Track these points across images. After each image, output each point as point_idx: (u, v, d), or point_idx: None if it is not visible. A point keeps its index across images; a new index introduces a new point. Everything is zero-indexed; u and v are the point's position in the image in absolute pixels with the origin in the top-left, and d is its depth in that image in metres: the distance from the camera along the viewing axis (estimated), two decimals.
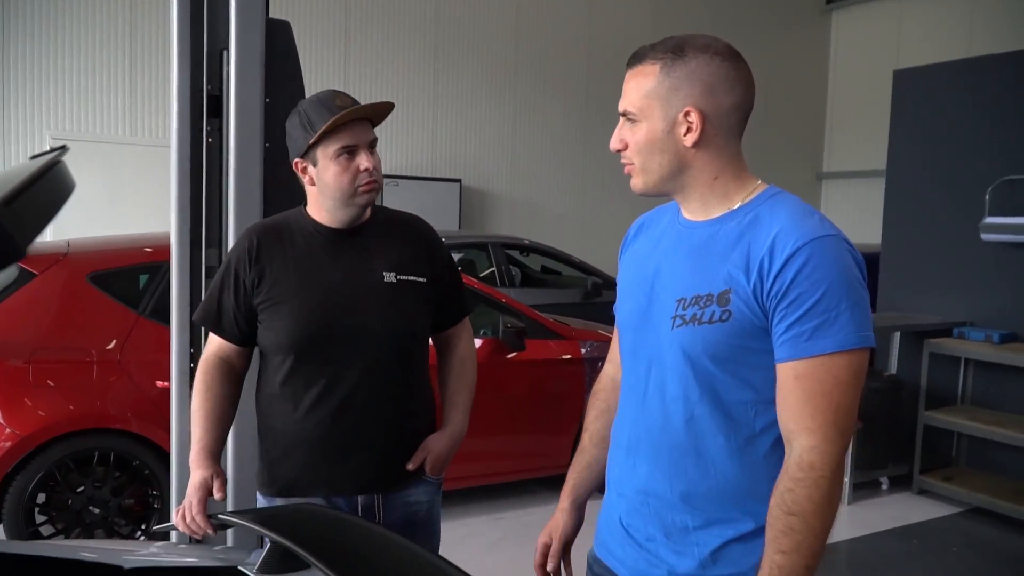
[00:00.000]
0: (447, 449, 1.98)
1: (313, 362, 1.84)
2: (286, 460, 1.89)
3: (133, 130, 7.94)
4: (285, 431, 1.88)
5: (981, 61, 5.27)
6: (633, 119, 1.37)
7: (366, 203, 1.86)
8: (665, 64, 1.33)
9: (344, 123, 1.80)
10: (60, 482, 3.42)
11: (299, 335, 1.83)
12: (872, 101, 11.28)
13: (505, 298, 4.59)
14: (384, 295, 1.87)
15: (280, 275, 1.86)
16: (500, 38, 10.02)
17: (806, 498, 1.23)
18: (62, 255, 3.70)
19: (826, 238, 1.27)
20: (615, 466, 1.52)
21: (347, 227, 1.90)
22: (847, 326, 1.24)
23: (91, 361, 3.50)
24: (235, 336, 1.90)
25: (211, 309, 1.90)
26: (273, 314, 1.85)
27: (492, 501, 4.50)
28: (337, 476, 1.88)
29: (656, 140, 1.35)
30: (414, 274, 1.92)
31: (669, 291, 1.39)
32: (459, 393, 2.06)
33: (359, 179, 1.82)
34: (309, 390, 1.85)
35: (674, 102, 1.33)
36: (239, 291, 1.87)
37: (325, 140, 1.81)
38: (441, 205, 9.13)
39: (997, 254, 4.94)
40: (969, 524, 4.52)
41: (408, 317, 1.91)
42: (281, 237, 1.89)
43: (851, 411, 1.27)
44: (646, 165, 1.38)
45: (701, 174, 1.37)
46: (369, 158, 1.83)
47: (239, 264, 1.87)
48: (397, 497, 1.93)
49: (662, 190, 1.40)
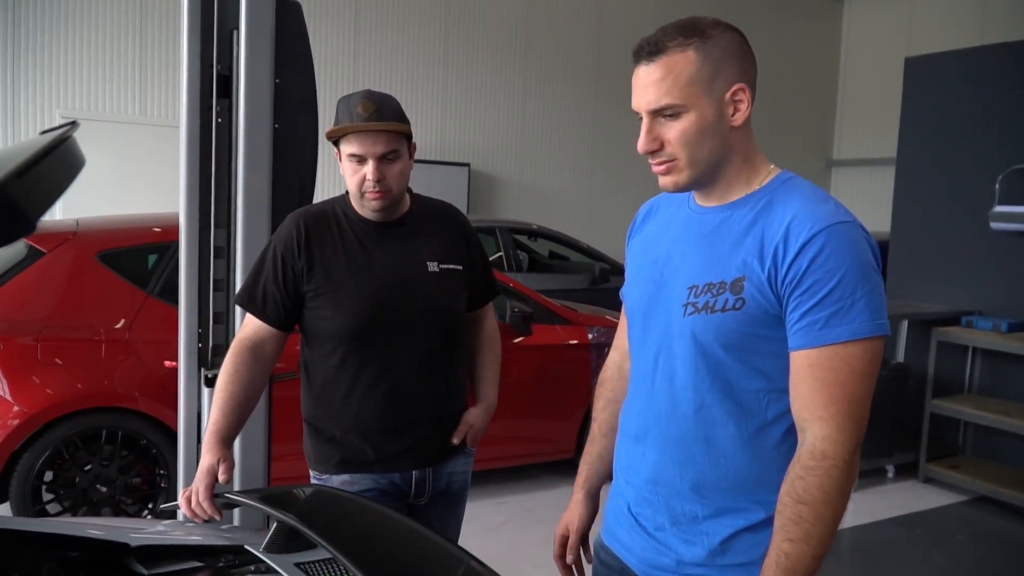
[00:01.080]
0: (484, 421, 2.12)
1: (367, 347, 1.92)
2: (344, 440, 1.97)
3: (143, 110, 7.93)
4: (341, 413, 1.96)
5: (993, 50, 5.22)
6: (675, 112, 1.29)
7: (375, 209, 1.92)
8: (698, 47, 1.28)
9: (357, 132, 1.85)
10: (67, 460, 3.44)
11: (356, 323, 1.90)
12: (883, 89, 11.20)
13: (512, 283, 4.59)
14: (429, 283, 1.97)
15: (332, 263, 1.92)
16: (510, 22, 9.96)
17: (817, 487, 1.22)
18: (71, 233, 3.71)
19: (842, 224, 1.25)
20: (623, 454, 1.51)
21: (385, 220, 1.96)
22: (863, 314, 1.23)
23: (99, 340, 3.51)
24: (278, 321, 1.93)
25: (255, 293, 1.94)
26: (326, 302, 1.91)
27: (495, 485, 4.51)
28: (393, 455, 1.97)
29: (707, 127, 1.29)
30: (453, 262, 2.02)
31: (680, 278, 1.37)
32: (490, 368, 2.19)
33: (365, 187, 1.88)
34: (363, 375, 1.93)
35: (719, 84, 1.28)
36: (287, 277, 1.91)
37: (342, 140, 1.88)
38: (449, 189, 9.10)
39: (1006, 243, 4.91)
40: (974, 513, 4.52)
41: (450, 303, 2.02)
42: (329, 225, 1.95)
43: (865, 400, 1.25)
44: (695, 156, 1.31)
45: (736, 156, 1.34)
46: (375, 169, 1.86)
47: (286, 250, 1.92)
48: (443, 469, 2.05)
49: (704, 181, 1.34)
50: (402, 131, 1.89)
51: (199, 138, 2.32)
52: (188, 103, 2.30)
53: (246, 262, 2.31)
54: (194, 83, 2.30)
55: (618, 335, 1.67)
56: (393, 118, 1.89)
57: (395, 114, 1.90)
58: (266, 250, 1.98)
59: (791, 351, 1.27)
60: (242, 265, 2.33)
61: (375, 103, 1.87)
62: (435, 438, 2.02)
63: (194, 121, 2.31)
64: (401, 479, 2.00)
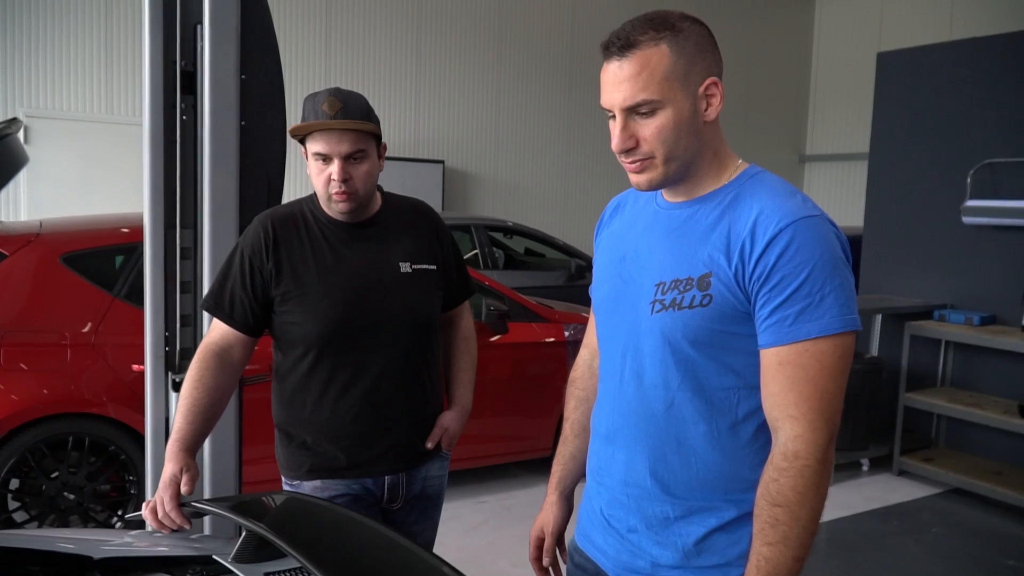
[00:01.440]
0: (460, 424, 2.07)
1: (339, 352, 1.88)
2: (315, 446, 1.92)
3: (109, 108, 7.79)
4: (313, 420, 1.91)
5: (964, 44, 5.26)
6: (650, 108, 1.25)
7: (341, 211, 1.88)
8: (671, 41, 1.25)
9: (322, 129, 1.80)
10: (34, 467, 3.36)
11: (327, 326, 1.85)
12: (855, 83, 11.30)
13: (488, 280, 4.56)
14: (402, 284, 1.93)
15: (300, 266, 1.87)
16: (483, 17, 9.92)
17: (791, 488, 1.20)
18: (34, 235, 3.62)
19: (809, 218, 1.23)
20: (595, 455, 1.48)
21: (355, 221, 1.92)
22: (832, 309, 1.20)
23: (65, 344, 3.43)
24: (246, 326, 1.88)
25: (222, 297, 1.89)
26: (296, 306, 1.87)
27: (474, 485, 4.48)
28: (367, 460, 1.93)
29: (683, 123, 1.27)
30: (426, 262, 1.98)
31: (647, 274, 1.34)
32: (465, 371, 2.15)
33: (331, 187, 1.84)
34: (335, 380, 1.89)
35: (693, 77, 1.26)
36: (255, 281, 1.87)
37: (307, 139, 1.84)
38: (424, 186, 9.04)
39: (978, 237, 4.96)
40: (949, 504, 4.56)
41: (424, 304, 1.98)
42: (297, 228, 1.91)
43: (837, 397, 1.23)
44: (672, 153, 1.28)
45: (707, 150, 1.32)
46: (341, 169, 1.81)
47: (254, 254, 1.87)
48: (417, 473, 2.01)
49: (677, 177, 1.31)
50: (369, 131, 1.84)
51: (163, 136, 2.26)
52: (151, 100, 2.24)
53: (214, 263, 2.26)
54: (157, 80, 2.24)
55: (588, 333, 1.65)
56: (360, 117, 1.84)
57: (362, 113, 1.85)
58: (233, 253, 1.93)
59: (761, 348, 1.25)
60: (209, 266, 2.28)
61: (341, 101, 1.82)
62: (409, 442, 1.98)
63: (157, 119, 2.25)
64: (374, 484, 1.96)
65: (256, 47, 2.29)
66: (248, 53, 2.27)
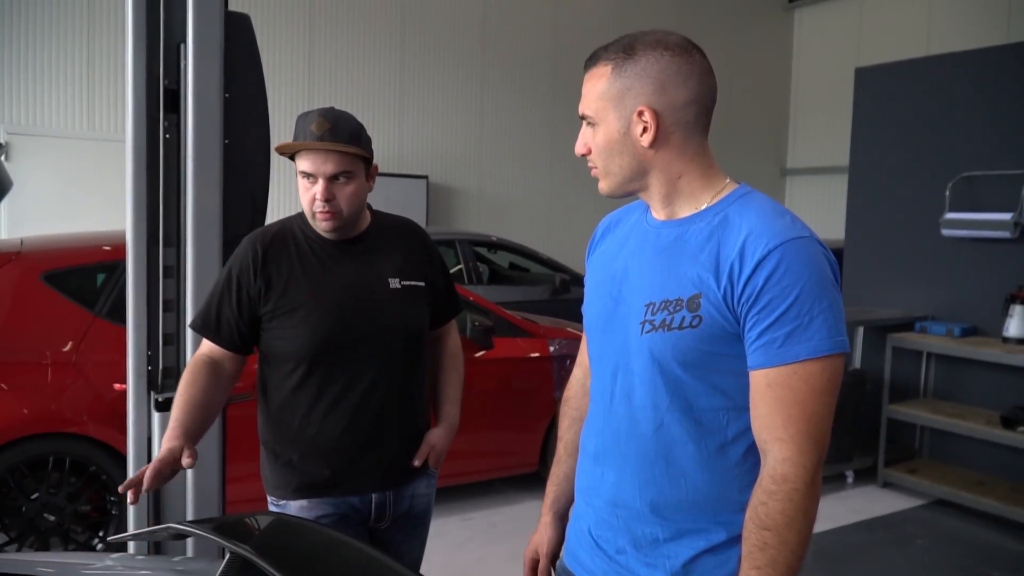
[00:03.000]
0: (447, 442, 2.06)
1: (328, 367, 1.89)
2: (302, 463, 1.92)
3: (91, 125, 7.75)
4: (300, 436, 1.91)
5: (941, 59, 5.34)
6: (591, 122, 1.34)
7: (325, 230, 1.90)
8: (616, 65, 1.31)
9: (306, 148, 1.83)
10: (13, 488, 3.31)
11: (316, 341, 1.86)
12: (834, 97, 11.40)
13: (473, 296, 4.56)
14: (391, 300, 1.94)
15: (290, 282, 1.89)
16: (466, 33, 9.96)
17: (779, 512, 1.20)
18: (15, 254, 3.58)
19: (798, 240, 1.23)
20: (583, 475, 1.48)
21: (345, 237, 1.94)
22: (820, 331, 1.20)
23: (45, 363, 3.39)
24: (233, 344, 1.90)
25: (209, 317, 1.91)
26: (285, 321, 1.88)
27: (460, 501, 4.46)
28: (354, 477, 1.92)
29: (614, 142, 1.32)
30: (415, 279, 1.99)
31: (637, 294, 1.35)
32: (452, 387, 2.15)
33: (315, 206, 1.86)
34: (324, 394, 1.89)
35: (627, 102, 1.30)
36: (242, 301, 1.89)
37: (296, 157, 1.87)
38: (408, 201, 9.04)
39: (957, 249, 5.01)
40: (933, 515, 4.58)
41: (413, 320, 1.99)
42: (287, 245, 1.92)
43: (826, 420, 1.23)
44: (608, 168, 1.35)
45: (663, 173, 1.33)
46: (324, 189, 1.83)
47: (242, 274, 1.89)
48: (404, 491, 2.00)
49: (628, 190, 1.38)
50: (352, 153, 1.85)
51: (146, 154, 2.25)
52: (134, 118, 2.23)
53: (197, 281, 2.24)
54: (140, 98, 2.23)
55: (581, 352, 1.64)
56: (347, 139, 1.85)
57: (350, 135, 1.87)
58: (222, 273, 1.95)
59: (750, 370, 1.25)
60: (193, 284, 2.26)
61: (330, 122, 1.84)
62: (397, 459, 1.98)
63: (140, 137, 2.24)
64: (361, 503, 1.95)
65: (240, 65, 2.29)
66: (232, 71, 2.27)
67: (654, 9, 11.05)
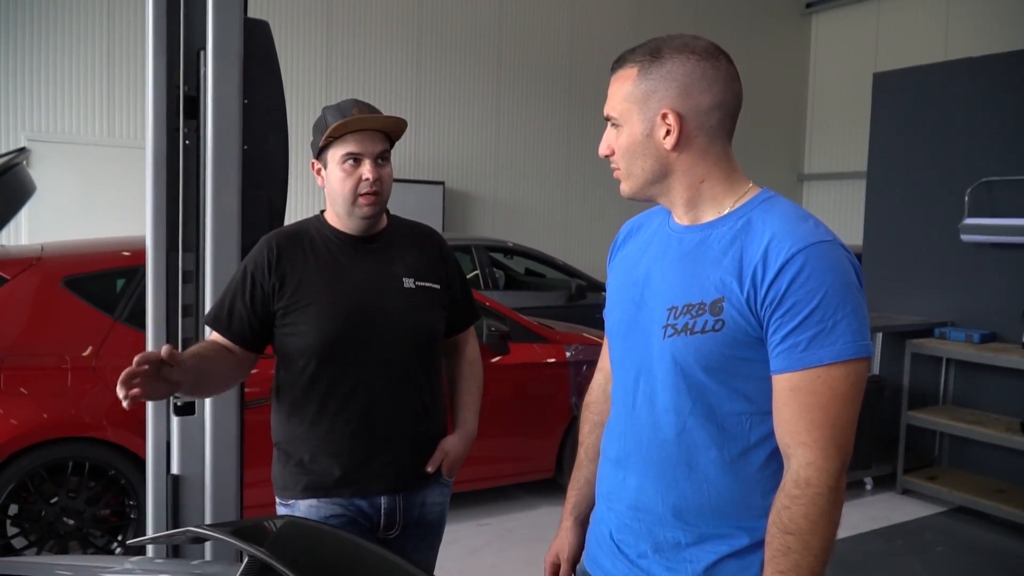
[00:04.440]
0: (463, 450, 2.04)
1: (339, 364, 1.88)
2: (312, 463, 1.91)
3: (111, 131, 7.83)
4: (311, 434, 1.91)
5: (959, 64, 5.30)
6: (616, 124, 1.36)
7: (366, 215, 1.90)
8: (642, 67, 1.32)
9: (354, 131, 1.85)
10: (33, 492, 3.34)
11: (328, 337, 1.86)
12: (852, 103, 11.36)
13: (489, 301, 4.56)
14: (405, 299, 1.93)
15: (304, 278, 1.89)
16: (483, 39, 9.99)
17: (802, 516, 1.20)
18: (35, 259, 3.62)
19: (821, 244, 1.23)
20: (605, 479, 1.48)
21: (363, 234, 1.95)
22: (844, 335, 1.20)
23: (65, 368, 3.42)
24: (244, 340, 1.90)
25: (222, 312, 1.91)
26: (298, 317, 1.88)
27: (476, 507, 4.46)
28: (364, 477, 1.91)
29: (637, 144, 1.33)
30: (430, 280, 1.99)
31: (659, 298, 1.34)
32: (470, 395, 2.14)
33: (360, 187, 1.87)
34: (335, 392, 1.89)
35: (651, 105, 1.31)
36: (256, 297, 1.89)
37: (334, 144, 1.88)
38: (424, 207, 9.06)
39: (976, 255, 4.97)
40: (953, 523, 4.54)
41: (427, 320, 1.98)
42: (302, 243, 1.93)
43: (850, 425, 1.23)
44: (630, 170, 1.36)
45: (686, 177, 1.34)
46: (373, 169, 1.86)
47: (256, 270, 1.90)
48: (415, 498, 1.98)
49: (648, 194, 1.38)
50: (400, 127, 1.90)
51: (166, 160, 2.26)
52: (154, 125, 2.25)
53: (215, 286, 2.25)
54: (160, 104, 2.24)
55: (602, 356, 1.65)
56: None
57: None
58: (237, 270, 1.96)
59: (773, 374, 1.25)
60: (211, 289, 2.27)
61: (366, 106, 1.90)
62: (409, 463, 1.96)
63: (160, 143, 2.25)
64: (370, 507, 1.93)
65: (259, 72, 2.31)
66: (251, 78, 2.29)
67: (670, 16, 11.04)
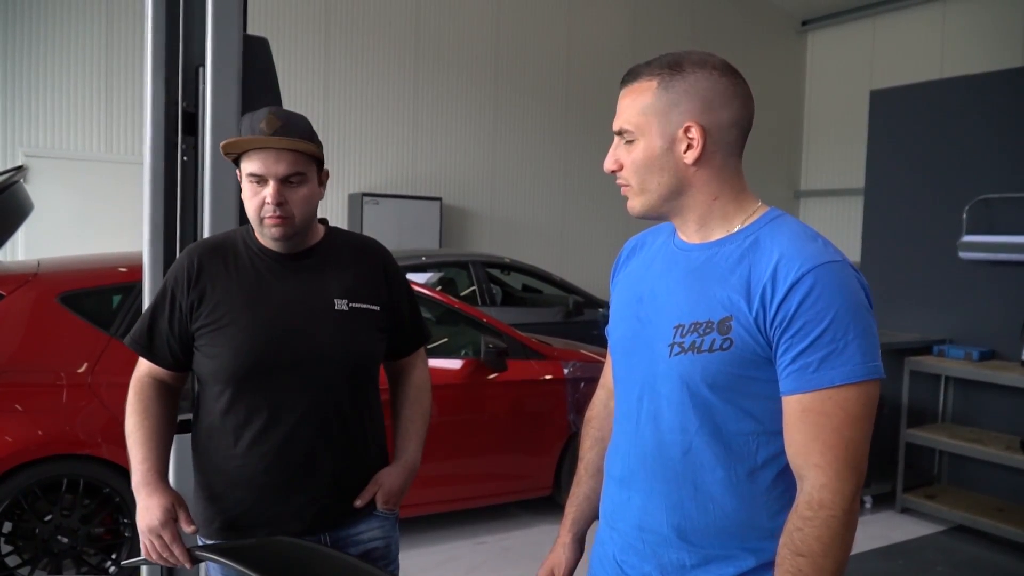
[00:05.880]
0: (401, 482, 1.88)
1: (256, 391, 1.73)
2: (225, 498, 1.77)
3: (109, 147, 7.83)
4: (225, 466, 1.76)
5: (956, 82, 5.33)
6: (630, 138, 1.32)
7: (275, 236, 1.73)
8: (663, 79, 1.30)
9: (258, 147, 1.68)
10: (27, 510, 3.31)
11: (245, 361, 1.71)
12: (848, 119, 11.42)
13: (486, 317, 4.54)
14: (335, 323, 1.77)
15: (223, 297, 1.74)
16: (480, 56, 10.03)
17: (815, 538, 1.18)
18: (32, 275, 3.61)
19: (831, 264, 1.22)
20: (608, 499, 1.46)
21: (291, 251, 1.79)
22: (855, 356, 1.19)
23: (61, 384, 3.40)
24: (167, 362, 1.79)
25: (141, 333, 1.78)
26: (213, 339, 1.73)
27: (473, 525, 4.42)
28: (280, 515, 1.75)
29: (655, 158, 1.30)
30: (367, 301, 1.82)
31: (665, 316, 1.33)
32: (413, 423, 1.96)
33: (264, 211, 1.70)
34: (252, 422, 1.73)
35: (673, 118, 1.29)
36: (174, 315, 1.76)
37: (243, 159, 1.72)
38: (421, 223, 9.07)
39: (975, 272, 4.97)
40: (952, 542, 4.51)
41: (359, 346, 1.81)
42: (226, 258, 1.78)
43: (863, 446, 1.21)
44: (645, 185, 1.33)
45: (700, 193, 1.32)
46: (276, 192, 1.67)
47: (176, 286, 1.76)
48: (347, 535, 1.83)
49: (660, 211, 1.36)
50: (308, 151, 1.71)
51: (164, 177, 2.26)
52: (152, 141, 2.25)
53: None
54: (159, 120, 2.24)
55: (604, 373, 1.63)
56: (301, 137, 1.71)
57: (303, 133, 1.72)
58: (160, 287, 1.82)
59: (783, 395, 1.24)
60: None
61: (281, 119, 1.70)
62: (334, 499, 1.80)
63: (158, 159, 2.25)
64: None
65: (257, 88, 2.31)
66: (249, 94, 2.29)
67: (667, 34, 11.11)
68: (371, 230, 8.51)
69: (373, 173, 9.21)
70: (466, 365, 4.22)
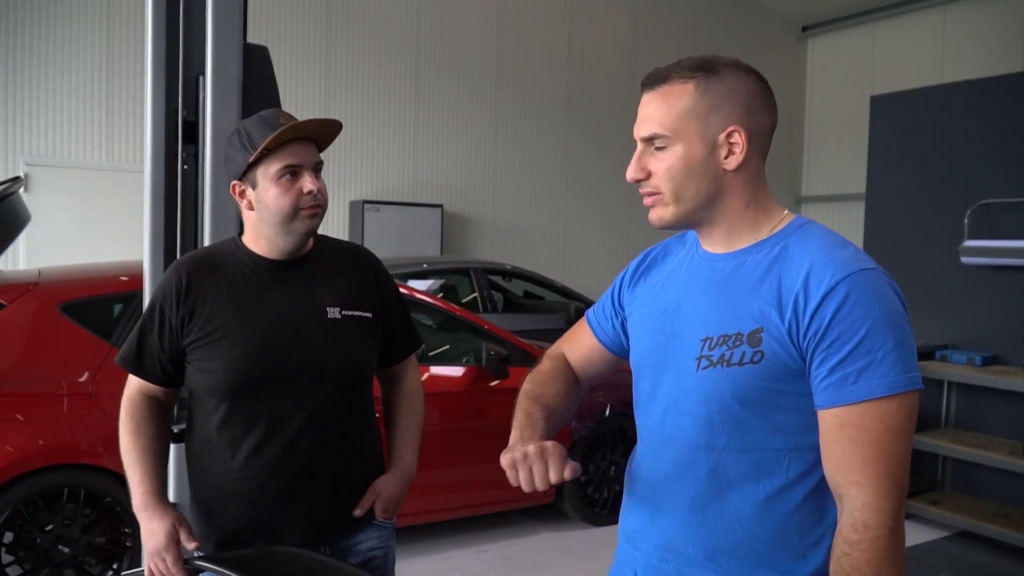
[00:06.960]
0: (398, 490, 1.87)
1: (253, 403, 1.71)
2: (223, 511, 1.75)
3: (110, 156, 7.84)
4: (223, 480, 1.74)
5: (957, 87, 5.33)
6: (663, 143, 1.25)
7: (307, 229, 1.73)
8: (699, 82, 1.24)
9: (288, 141, 1.68)
10: (28, 520, 3.30)
11: (241, 374, 1.68)
12: (849, 125, 11.42)
13: (488, 324, 4.54)
14: (329, 331, 1.75)
15: (215, 311, 1.72)
16: (481, 63, 10.05)
17: (865, 562, 1.12)
18: (32, 284, 3.60)
19: (865, 272, 1.18)
20: (629, 516, 1.40)
21: (287, 258, 1.77)
22: (895, 367, 1.13)
23: (62, 394, 3.39)
24: (158, 379, 1.77)
25: (131, 351, 1.76)
26: (207, 353, 1.71)
27: (475, 533, 4.41)
28: (279, 526, 1.74)
29: (695, 164, 1.24)
30: (360, 309, 1.81)
31: (691, 329, 1.28)
32: (408, 430, 1.95)
33: (302, 202, 1.69)
34: (249, 434, 1.71)
35: (714, 122, 1.23)
36: (163, 331, 1.73)
37: (267, 159, 1.69)
38: (423, 230, 9.07)
39: (977, 277, 4.96)
40: (957, 548, 4.49)
41: (354, 354, 1.80)
42: (215, 271, 1.76)
43: (904, 460, 1.16)
44: (681, 192, 1.25)
45: (735, 201, 1.27)
46: (314, 180, 1.70)
47: (165, 302, 1.73)
48: (347, 545, 1.81)
49: (693, 220, 1.29)
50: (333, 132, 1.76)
51: (164, 185, 2.26)
52: (152, 149, 2.24)
53: None
54: (159, 129, 2.24)
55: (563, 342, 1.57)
56: None
57: None
58: (148, 303, 1.81)
59: (819, 409, 1.18)
60: None
61: (291, 115, 1.73)
62: (334, 509, 1.79)
63: (159, 168, 2.25)
64: None
65: (258, 97, 2.31)
66: (250, 102, 2.28)
67: (667, 40, 11.13)
68: (372, 237, 8.51)
69: (374, 180, 9.22)
70: (468, 372, 4.21)
